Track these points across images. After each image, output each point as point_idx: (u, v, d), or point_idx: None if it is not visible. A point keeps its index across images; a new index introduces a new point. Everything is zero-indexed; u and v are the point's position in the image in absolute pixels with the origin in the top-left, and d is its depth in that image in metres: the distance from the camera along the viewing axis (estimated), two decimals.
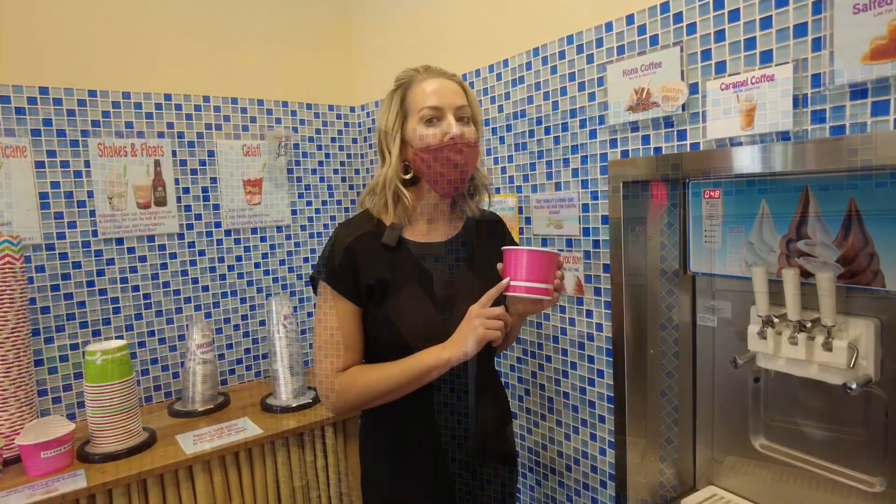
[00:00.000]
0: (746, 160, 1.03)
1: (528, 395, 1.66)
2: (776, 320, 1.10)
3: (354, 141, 2.33)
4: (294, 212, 2.19)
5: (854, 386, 0.99)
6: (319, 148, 2.24)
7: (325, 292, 1.13)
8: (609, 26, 1.31)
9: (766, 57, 1.04)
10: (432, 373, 1.07)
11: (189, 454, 1.49)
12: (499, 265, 1.10)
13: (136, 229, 1.86)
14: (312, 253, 2.23)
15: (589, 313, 1.44)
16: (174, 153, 1.92)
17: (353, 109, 2.32)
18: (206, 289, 1.99)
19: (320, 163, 2.24)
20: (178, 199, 1.94)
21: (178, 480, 1.49)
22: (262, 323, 2.10)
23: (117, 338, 1.82)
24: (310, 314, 2.22)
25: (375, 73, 2.22)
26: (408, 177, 1.14)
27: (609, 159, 1.34)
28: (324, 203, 2.26)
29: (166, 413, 1.80)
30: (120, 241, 1.84)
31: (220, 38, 2.01)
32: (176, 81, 1.92)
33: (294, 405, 1.76)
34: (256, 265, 2.10)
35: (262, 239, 2.11)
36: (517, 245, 1.31)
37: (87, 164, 1.77)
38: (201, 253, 1.98)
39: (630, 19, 1.26)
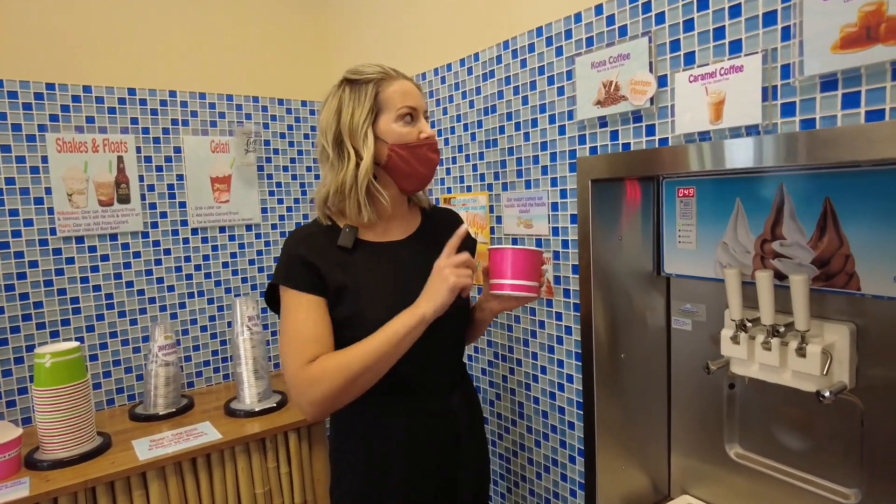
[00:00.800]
0: (717, 156, 0.98)
1: (499, 400, 1.61)
2: (749, 324, 1.05)
3: None
4: (265, 210, 2.13)
5: (827, 394, 0.94)
6: (292, 144, 2.18)
7: (286, 294, 1.09)
8: (578, 17, 1.25)
9: (735, 47, 0.98)
10: (410, 334, 1.00)
11: (142, 460, 1.43)
12: (483, 265, 1.07)
13: (98, 227, 1.79)
14: None
15: (558, 315, 1.38)
16: (138, 149, 1.86)
17: None
18: (171, 289, 1.93)
19: (292, 160, 2.18)
20: (143, 197, 1.88)
21: (131, 488, 1.43)
22: (230, 324, 2.03)
23: (77, 339, 1.76)
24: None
25: (351, 66, 2.15)
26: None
27: (578, 156, 1.28)
28: (296, 201, 2.20)
29: (127, 417, 1.74)
30: (80, 239, 1.77)
31: (187, 30, 1.94)
32: (140, 75, 1.86)
33: (258, 409, 1.70)
34: (225, 265, 2.04)
35: (231, 238, 2.05)
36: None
37: (44, 159, 1.70)
38: (167, 252, 1.92)
39: (599, 9, 1.21)
